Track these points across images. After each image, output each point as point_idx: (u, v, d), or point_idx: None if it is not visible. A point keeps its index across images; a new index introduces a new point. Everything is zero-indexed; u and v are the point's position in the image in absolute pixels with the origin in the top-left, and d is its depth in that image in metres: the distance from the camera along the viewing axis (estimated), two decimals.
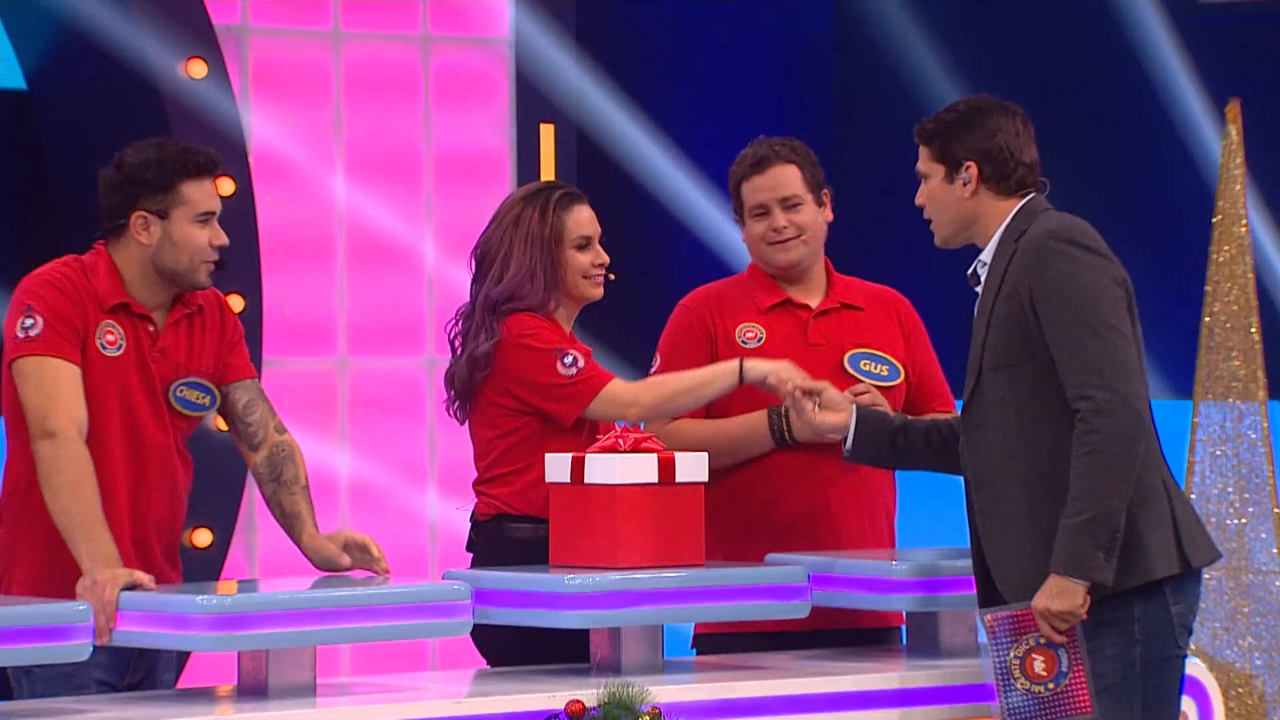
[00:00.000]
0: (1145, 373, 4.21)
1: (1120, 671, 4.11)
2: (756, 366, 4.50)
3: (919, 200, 4.32)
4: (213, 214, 4.33)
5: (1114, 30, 8.01)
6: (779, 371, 4.43)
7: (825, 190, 4.77)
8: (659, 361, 4.77)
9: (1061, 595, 4.08)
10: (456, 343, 4.63)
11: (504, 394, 4.56)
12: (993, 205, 4.26)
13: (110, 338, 4.26)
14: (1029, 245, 4.18)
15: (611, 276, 4.66)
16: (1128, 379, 4.10)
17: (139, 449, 4.29)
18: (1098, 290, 4.14)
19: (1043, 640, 4.11)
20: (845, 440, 4.41)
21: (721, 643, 4.66)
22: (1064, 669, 4.10)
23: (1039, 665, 4.11)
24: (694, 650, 4.78)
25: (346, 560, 4.36)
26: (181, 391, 4.35)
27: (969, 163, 4.25)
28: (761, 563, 4.48)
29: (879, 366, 4.68)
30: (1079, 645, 4.11)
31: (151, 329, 4.33)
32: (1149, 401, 4.20)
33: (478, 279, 4.64)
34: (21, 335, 4.20)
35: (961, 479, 4.29)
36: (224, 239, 4.34)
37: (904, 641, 4.79)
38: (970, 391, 4.21)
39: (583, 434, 4.55)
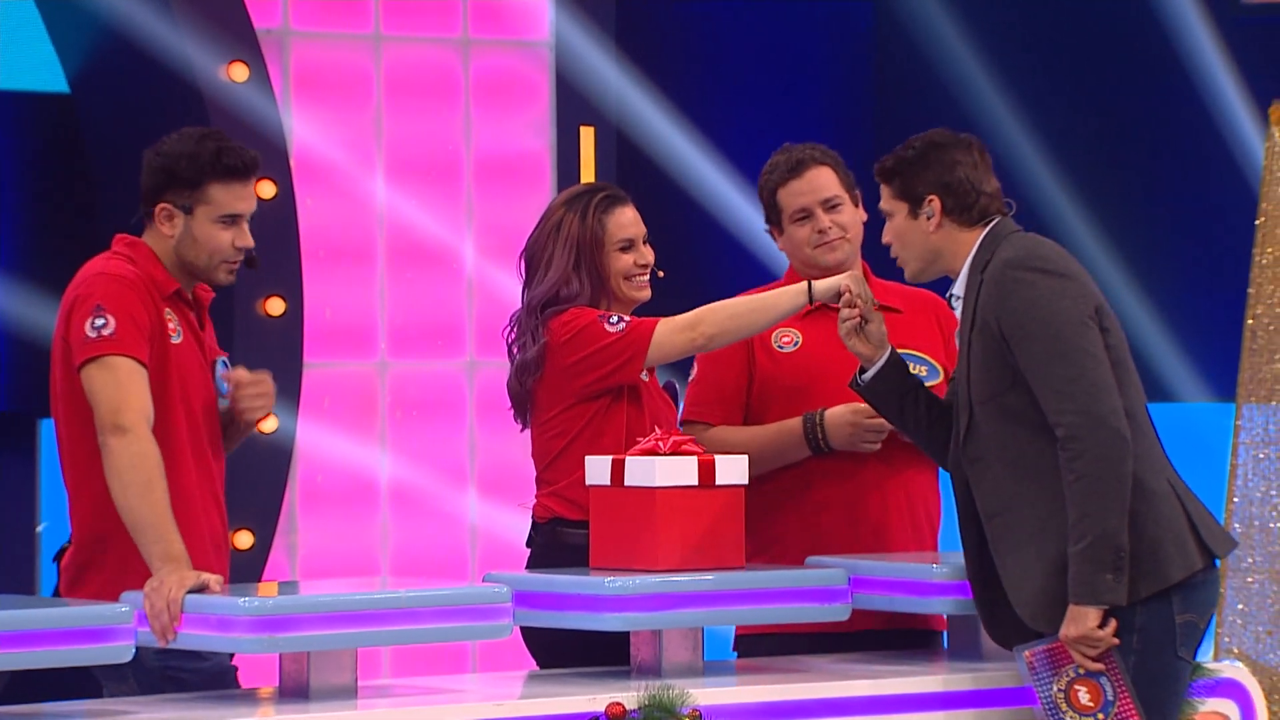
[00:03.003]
0: (1134, 378, 4.22)
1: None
2: (825, 284, 4.48)
3: (885, 239, 4.38)
4: (240, 216, 4.29)
5: (1156, 31, 7.98)
6: (851, 285, 4.43)
7: (856, 189, 4.80)
8: (697, 369, 4.77)
9: (1074, 621, 4.12)
10: (513, 348, 4.64)
11: (561, 393, 4.57)
12: (958, 236, 4.29)
13: (172, 326, 4.27)
14: (991, 277, 4.23)
15: (660, 274, 4.66)
16: (1100, 398, 4.12)
17: (200, 438, 4.30)
18: (1060, 312, 4.16)
19: (1082, 670, 4.12)
20: (863, 371, 4.42)
21: (763, 644, 4.66)
22: (1110, 698, 4.11)
23: (1084, 696, 4.12)
24: (735, 653, 4.78)
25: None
26: (218, 375, 4.37)
27: (931, 197, 4.29)
28: (766, 566, 4.48)
29: (919, 367, 4.68)
30: (1120, 672, 4.12)
31: (193, 315, 4.34)
32: (1144, 405, 4.22)
33: (526, 284, 4.65)
34: (94, 335, 4.16)
35: (955, 508, 4.32)
36: (249, 241, 4.31)
37: (945, 644, 4.78)
38: (965, 428, 4.25)
39: (641, 434, 4.51)
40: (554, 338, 4.55)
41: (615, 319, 4.53)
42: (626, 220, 4.64)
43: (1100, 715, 4.12)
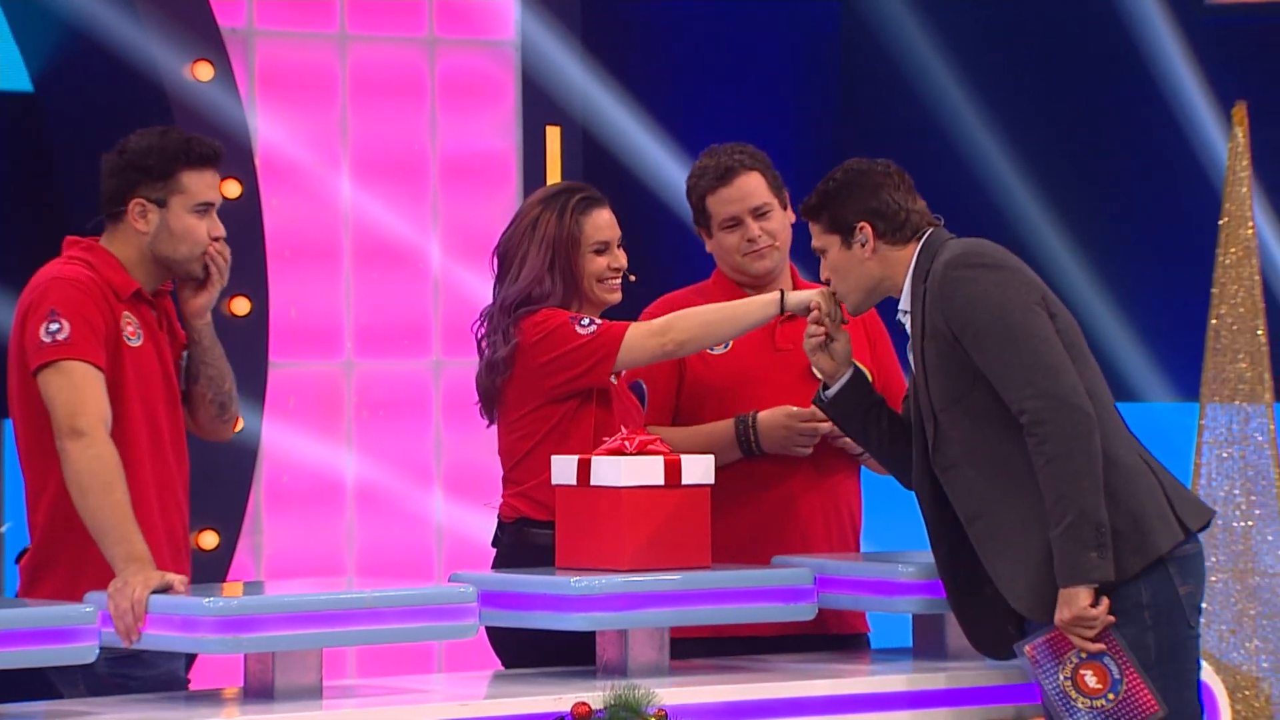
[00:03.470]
0: (1090, 361, 4.25)
1: (1138, 660, 4.15)
2: (798, 296, 4.51)
3: (824, 276, 4.39)
4: (211, 205, 4.31)
5: (1121, 31, 8.01)
6: (822, 302, 4.45)
7: (784, 191, 4.80)
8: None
9: (1067, 603, 4.13)
10: (483, 344, 4.64)
11: (530, 394, 4.56)
12: (894, 257, 4.32)
13: (130, 329, 4.26)
14: (933, 283, 4.25)
15: (632, 278, 4.66)
16: (1059, 379, 4.15)
17: (161, 441, 4.29)
18: (1005, 303, 4.19)
19: (1084, 655, 4.13)
20: (826, 387, 4.44)
21: (689, 648, 4.64)
22: (1117, 676, 4.12)
23: (1091, 680, 4.13)
24: None
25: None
26: (182, 368, 4.37)
27: (861, 224, 4.31)
28: (732, 566, 4.48)
29: None
30: (1122, 649, 4.13)
31: (155, 313, 4.34)
32: (1105, 386, 4.24)
33: (499, 280, 4.64)
34: (48, 340, 4.17)
35: (924, 523, 4.33)
36: (221, 230, 4.32)
37: (871, 647, 4.80)
38: (933, 438, 4.26)
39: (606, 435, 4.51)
40: (525, 338, 4.55)
41: (586, 321, 4.54)
42: (603, 222, 4.64)
43: (1110, 695, 4.12)
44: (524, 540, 4.56)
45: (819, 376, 4.48)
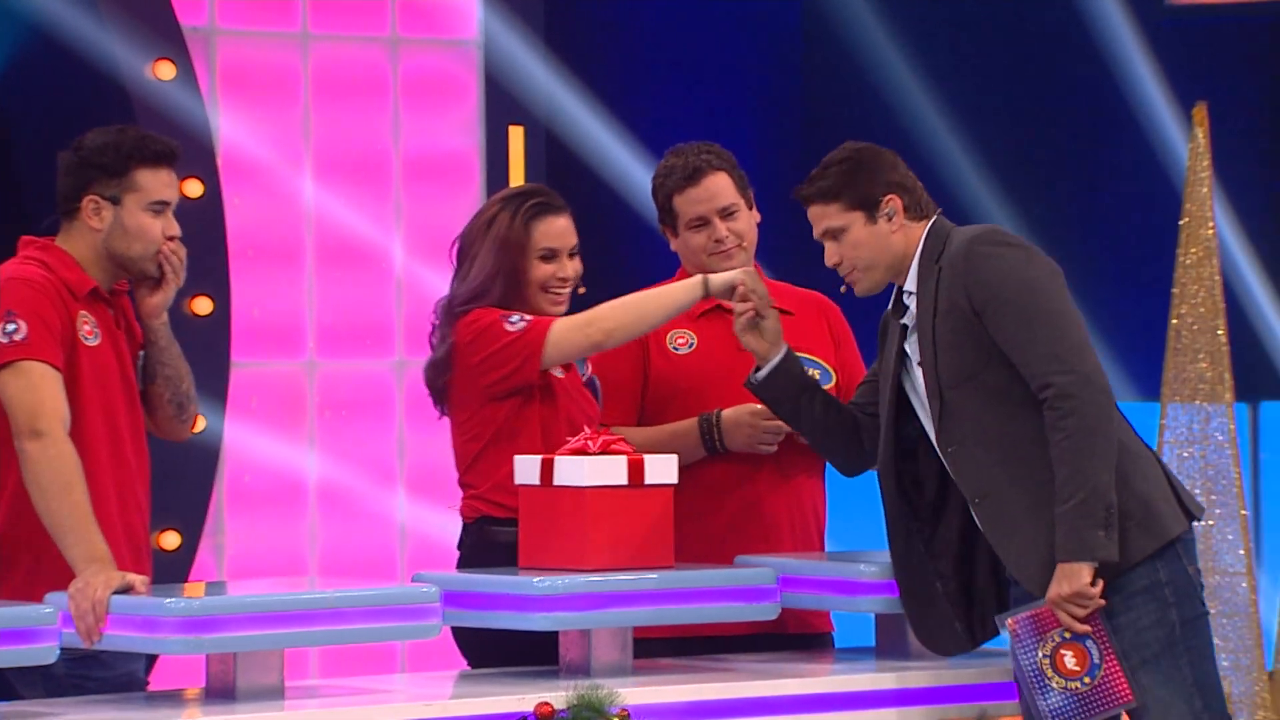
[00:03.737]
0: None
1: (1163, 638, 4.16)
2: (720, 278, 4.48)
3: (832, 260, 4.31)
4: (167, 204, 4.30)
5: (1081, 32, 8.03)
6: (746, 280, 4.43)
7: (750, 190, 4.80)
8: (590, 369, 4.78)
9: (1068, 578, 4.12)
10: (433, 339, 4.63)
11: (470, 394, 4.56)
12: (913, 233, 4.31)
13: (88, 329, 4.25)
14: (954, 259, 4.23)
15: (581, 290, 4.63)
16: (1085, 357, 4.17)
17: (120, 440, 4.28)
18: (1033, 279, 4.20)
19: (1067, 635, 4.12)
20: (758, 369, 4.43)
21: (652, 648, 4.62)
22: (1096, 661, 4.10)
23: (1070, 660, 4.12)
24: None
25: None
26: (140, 367, 4.36)
27: (889, 196, 4.28)
28: (695, 566, 4.49)
29: (811, 370, 4.68)
30: (1106, 634, 4.12)
31: (112, 312, 4.33)
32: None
33: (455, 276, 4.64)
34: (5, 340, 4.16)
35: (884, 511, 4.33)
36: (176, 230, 4.31)
37: (835, 646, 4.81)
38: (938, 416, 4.24)
39: (559, 433, 4.51)
40: (459, 338, 4.55)
41: (516, 318, 4.52)
42: (554, 230, 4.60)
43: (1087, 678, 4.11)
44: (486, 539, 4.55)
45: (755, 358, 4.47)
